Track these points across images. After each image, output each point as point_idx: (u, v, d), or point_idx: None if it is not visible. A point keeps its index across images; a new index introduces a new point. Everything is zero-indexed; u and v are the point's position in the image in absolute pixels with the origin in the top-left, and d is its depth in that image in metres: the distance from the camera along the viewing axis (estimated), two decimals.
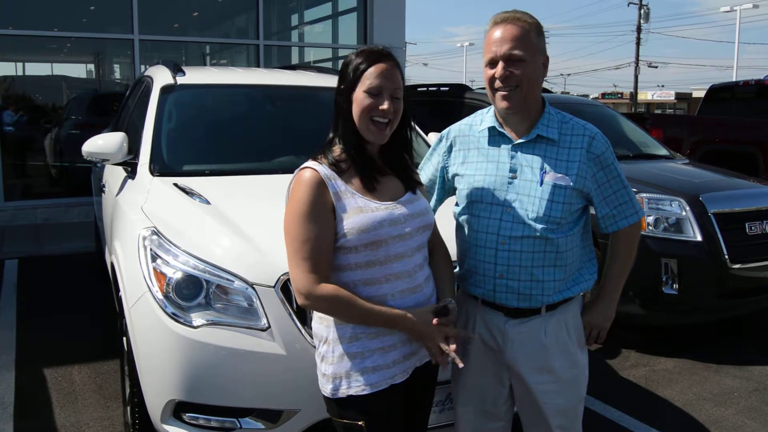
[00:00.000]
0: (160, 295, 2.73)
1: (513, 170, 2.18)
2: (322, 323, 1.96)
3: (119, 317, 3.24)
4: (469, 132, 2.33)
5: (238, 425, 2.68)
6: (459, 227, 2.32)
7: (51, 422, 3.59)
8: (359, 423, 1.90)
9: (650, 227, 4.67)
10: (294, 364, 2.61)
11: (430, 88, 7.86)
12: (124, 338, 3.11)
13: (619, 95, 61.81)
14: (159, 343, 2.68)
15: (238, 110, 4.44)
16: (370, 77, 1.90)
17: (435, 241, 2.16)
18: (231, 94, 4.52)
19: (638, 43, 44.10)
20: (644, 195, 4.70)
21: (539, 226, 2.12)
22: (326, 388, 1.94)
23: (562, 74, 77.99)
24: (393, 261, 1.90)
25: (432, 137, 4.35)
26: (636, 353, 4.77)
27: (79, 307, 5.45)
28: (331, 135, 2.01)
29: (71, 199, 8.88)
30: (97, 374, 4.17)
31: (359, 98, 1.90)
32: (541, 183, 2.13)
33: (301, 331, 2.62)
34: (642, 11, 43.69)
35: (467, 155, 2.30)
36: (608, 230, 2.27)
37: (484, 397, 2.34)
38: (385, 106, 1.89)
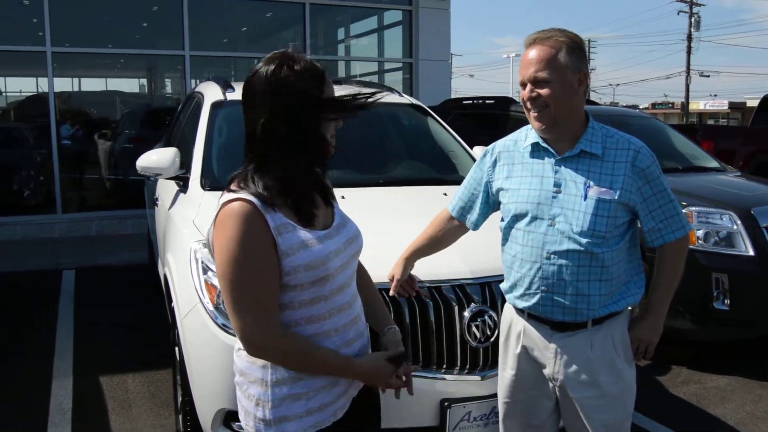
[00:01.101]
0: (210, 307, 2.82)
1: (557, 185, 2.20)
2: (255, 363, 1.70)
3: (172, 327, 3.34)
4: (513, 147, 2.36)
5: None
6: (504, 241, 2.34)
7: (107, 428, 3.71)
8: None
9: (700, 241, 4.59)
10: None
11: (475, 101, 7.88)
12: (177, 348, 3.20)
13: (670, 105, 60.67)
14: (209, 354, 2.77)
15: None
16: (332, 93, 1.75)
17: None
18: None
19: (689, 52, 43.31)
20: (693, 209, 4.64)
21: (584, 240, 2.13)
22: None
23: (611, 84, 77.03)
24: (336, 294, 1.72)
25: (477, 151, 4.38)
26: (687, 370, 4.69)
27: (133, 317, 5.61)
28: (254, 162, 1.70)
29: (125, 212, 9.14)
30: (150, 382, 4.29)
31: (320, 125, 1.71)
32: (585, 197, 2.15)
33: None
34: (693, 19, 42.91)
35: (512, 170, 2.32)
36: (654, 244, 2.27)
37: (530, 411, 2.35)
38: (332, 131, 1.77)
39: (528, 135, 2.32)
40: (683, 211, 4.62)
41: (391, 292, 2.59)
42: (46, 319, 5.55)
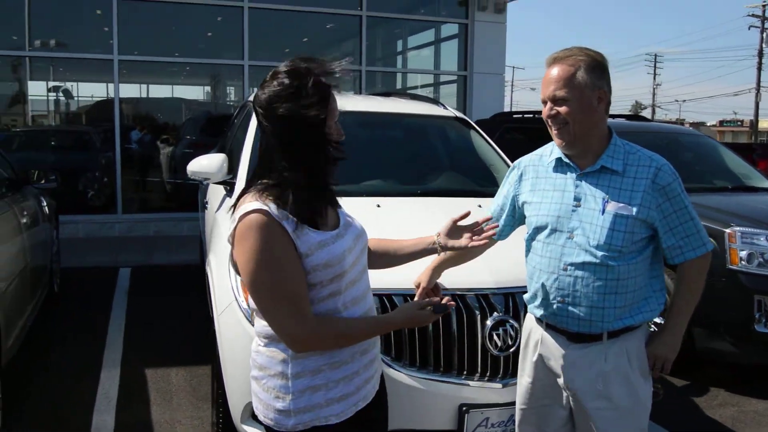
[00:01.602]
0: (245, 305, 2.96)
1: (577, 198, 2.26)
2: (274, 357, 1.80)
3: (210, 324, 3.51)
4: (538, 162, 2.43)
5: None
6: (527, 252, 2.41)
7: (147, 417, 3.91)
8: None
9: (743, 262, 4.52)
10: None
11: (525, 115, 7.91)
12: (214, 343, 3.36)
13: (739, 123, 58.88)
14: (242, 349, 2.90)
15: None
16: (335, 108, 1.84)
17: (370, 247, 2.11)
18: None
19: (759, 68, 41.96)
20: (737, 229, 4.57)
21: (600, 254, 2.19)
22: (285, 423, 1.80)
23: (677, 100, 75.25)
24: (350, 287, 1.83)
25: None
26: (725, 392, 4.62)
27: (182, 313, 5.85)
28: (268, 173, 1.79)
29: (182, 214, 9.49)
30: (192, 376, 4.49)
31: (333, 127, 1.81)
32: (603, 212, 2.20)
33: None
34: (764, 35, 41.59)
35: (536, 184, 2.40)
36: (674, 261, 2.28)
37: (544, 419, 2.40)
38: (342, 135, 1.86)
39: (553, 150, 2.38)
40: (727, 231, 4.60)
41: (416, 299, 2.65)
42: (100, 313, 5.85)
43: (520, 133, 7.46)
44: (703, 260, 2.29)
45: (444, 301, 1.88)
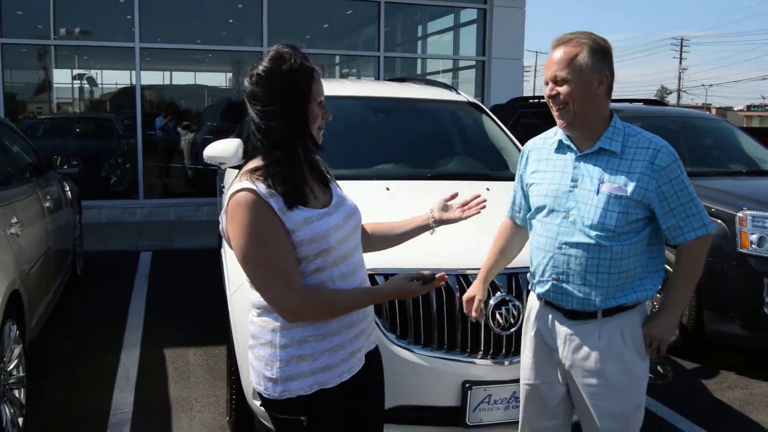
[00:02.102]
0: None
1: (574, 179, 2.31)
2: (265, 327, 1.92)
3: (225, 303, 3.61)
4: (542, 145, 2.48)
5: None
6: (529, 232, 2.48)
7: (165, 395, 4.04)
8: (300, 418, 1.92)
9: (753, 246, 4.53)
10: None
11: (540, 100, 7.92)
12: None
13: (767, 108, 57.93)
14: None
15: (343, 120, 4.74)
16: (320, 90, 1.91)
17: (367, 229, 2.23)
18: (338, 105, 4.82)
19: None
20: (748, 212, 4.57)
21: (593, 233, 2.24)
22: (272, 390, 1.90)
23: (703, 85, 74.18)
24: (339, 263, 1.92)
25: None
26: (735, 375, 4.64)
27: (200, 296, 5.98)
28: (259, 152, 1.90)
29: (202, 199, 9.65)
30: (209, 356, 4.61)
31: (314, 110, 1.89)
32: (598, 192, 2.25)
33: (377, 324, 2.86)
34: None
35: (538, 165, 2.45)
36: (675, 242, 2.30)
37: (545, 394, 2.46)
38: (329, 116, 1.95)
39: (557, 133, 2.44)
40: (738, 214, 4.60)
41: (473, 314, 2.61)
42: (122, 295, 6.01)
43: (536, 118, 7.48)
44: (703, 241, 2.30)
45: (438, 276, 1.96)
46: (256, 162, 1.89)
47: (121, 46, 9.83)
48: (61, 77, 11.17)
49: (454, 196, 2.34)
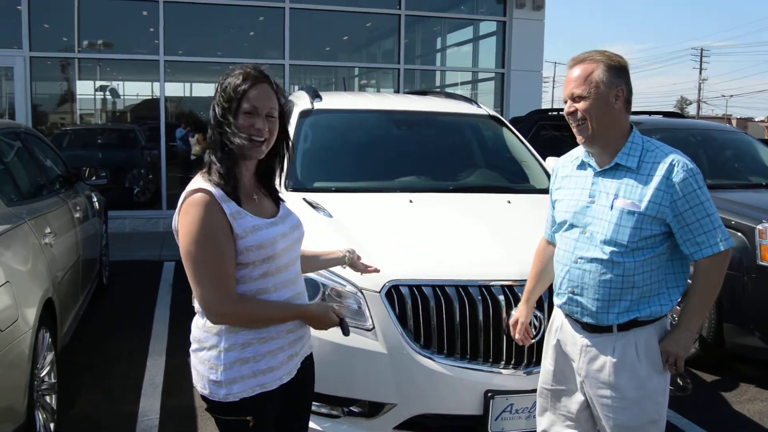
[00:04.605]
0: None
1: (592, 196, 2.37)
2: (210, 331, 1.99)
3: None
4: (568, 163, 2.55)
5: (343, 413, 3.03)
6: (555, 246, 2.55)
7: (191, 402, 4.12)
8: (246, 418, 2.00)
9: None
10: (394, 362, 2.94)
11: (560, 112, 7.96)
12: None
13: None
14: None
15: (366, 133, 4.84)
16: (248, 98, 1.96)
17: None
18: (360, 118, 4.93)
19: None
20: None
21: (607, 249, 2.29)
22: (217, 393, 1.97)
23: (723, 96, 73.64)
24: (282, 271, 2.03)
25: (549, 162, 4.53)
26: (755, 388, 4.64)
27: None
28: (209, 156, 2.02)
29: None
30: None
31: (239, 118, 1.96)
32: (612, 207, 2.30)
33: (402, 333, 2.94)
34: None
35: (562, 183, 2.53)
36: (693, 258, 2.31)
37: (564, 402, 2.52)
38: (259, 125, 1.96)
39: (579, 150, 2.50)
40: (758, 227, 4.62)
41: (517, 337, 2.74)
42: (146, 304, 6.11)
43: (555, 130, 7.53)
44: (720, 258, 2.28)
45: (346, 321, 2.14)
46: (210, 162, 2.02)
47: (146, 59, 10.01)
48: (85, 89, 11.38)
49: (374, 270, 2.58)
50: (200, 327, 2.04)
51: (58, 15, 9.99)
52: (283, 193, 4.02)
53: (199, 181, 1.96)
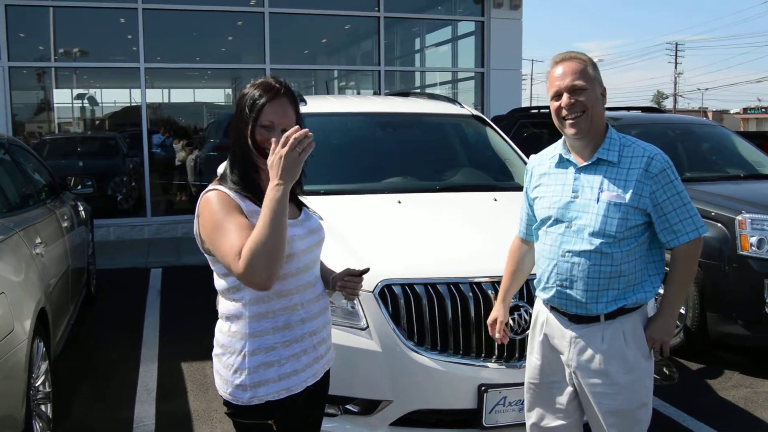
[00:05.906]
0: None
1: (575, 191, 2.45)
2: (234, 336, 2.01)
3: None
4: (544, 161, 2.62)
5: (340, 412, 3.08)
6: (536, 242, 2.61)
7: (186, 407, 4.15)
8: (269, 422, 2.01)
9: (753, 248, 4.65)
10: (389, 360, 3.00)
11: (541, 110, 8.07)
12: None
13: (763, 110, 58.21)
14: None
15: (352, 136, 4.90)
16: (265, 113, 1.98)
17: None
18: (346, 121, 4.99)
19: None
20: (747, 216, 4.69)
21: (596, 240, 2.37)
22: (241, 397, 1.99)
23: (699, 89, 74.61)
24: (302, 272, 2.04)
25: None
26: (739, 374, 4.76)
27: (213, 310, 6.06)
28: (228, 162, 2.06)
29: None
30: None
31: (257, 131, 1.98)
32: (598, 200, 2.39)
33: (395, 331, 3.00)
34: None
35: (540, 180, 2.59)
36: (670, 245, 2.43)
37: (552, 394, 2.58)
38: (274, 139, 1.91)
39: (556, 148, 2.58)
40: (737, 217, 4.73)
41: (497, 336, 2.76)
42: (135, 311, 6.13)
43: (537, 128, 7.64)
44: (696, 244, 2.42)
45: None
46: (228, 170, 2.06)
47: (126, 66, 9.99)
48: (62, 97, 11.31)
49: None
50: (225, 332, 2.06)
51: (35, 24, 9.92)
52: None
53: (213, 185, 2.01)
